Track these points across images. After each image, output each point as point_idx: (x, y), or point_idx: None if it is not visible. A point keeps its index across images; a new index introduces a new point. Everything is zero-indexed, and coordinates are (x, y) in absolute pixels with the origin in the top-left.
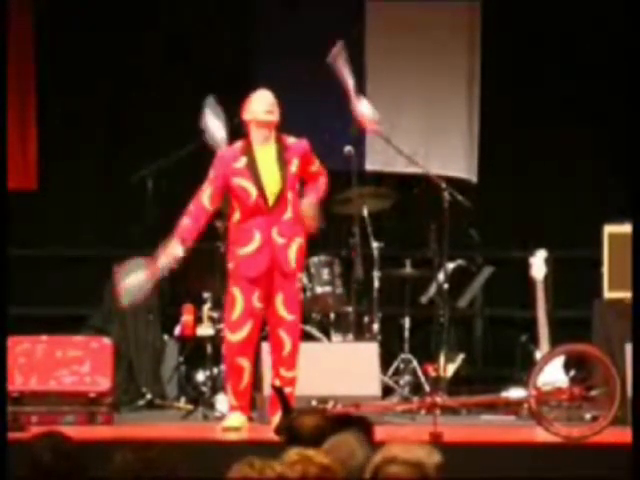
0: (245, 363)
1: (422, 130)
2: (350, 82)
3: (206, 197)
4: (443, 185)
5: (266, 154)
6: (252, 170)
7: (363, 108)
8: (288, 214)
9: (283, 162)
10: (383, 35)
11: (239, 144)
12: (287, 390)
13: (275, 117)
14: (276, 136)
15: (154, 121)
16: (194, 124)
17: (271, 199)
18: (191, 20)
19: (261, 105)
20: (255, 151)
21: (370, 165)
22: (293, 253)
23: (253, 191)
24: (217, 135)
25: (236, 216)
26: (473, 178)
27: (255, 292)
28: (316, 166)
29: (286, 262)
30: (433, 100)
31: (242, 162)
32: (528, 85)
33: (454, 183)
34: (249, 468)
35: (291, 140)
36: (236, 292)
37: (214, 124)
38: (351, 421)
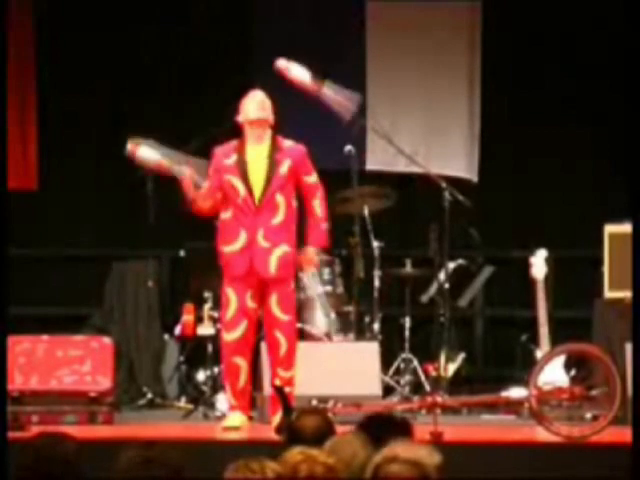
0: (241, 362)
1: (423, 130)
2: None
3: (202, 195)
4: (444, 185)
5: (258, 153)
6: (241, 168)
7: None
8: (277, 218)
9: (273, 162)
10: (384, 35)
11: (234, 142)
12: (286, 390)
13: (265, 114)
14: (272, 137)
15: (154, 121)
16: (194, 123)
17: (257, 196)
18: (191, 19)
19: (251, 104)
20: (247, 150)
21: (371, 165)
22: (275, 260)
23: (241, 189)
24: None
25: (226, 214)
26: (474, 178)
27: (248, 292)
28: (313, 178)
29: (265, 268)
30: (434, 100)
31: (233, 159)
32: (528, 85)
33: (455, 183)
34: (249, 471)
35: (288, 143)
36: (229, 292)
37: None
38: (393, 422)
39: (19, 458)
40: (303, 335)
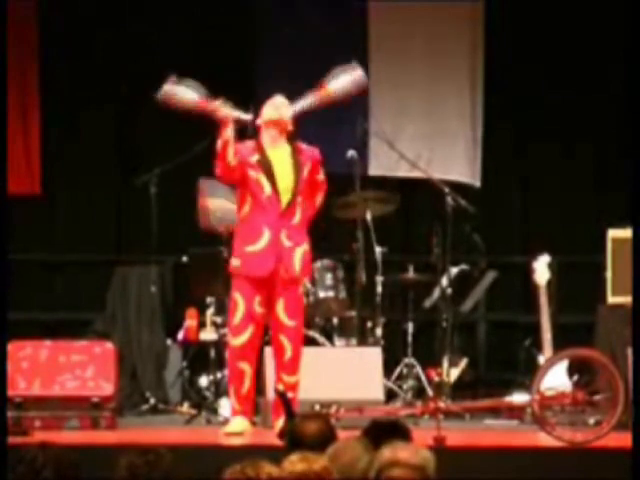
0: (246, 367)
1: (425, 135)
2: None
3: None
4: (446, 190)
5: (279, 155)
6: (265, 167)
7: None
8: (296, 219)
9: (298, 165)
10: (385, 38)
11: (251, 143)
12: (289, 395)
13: (279, 114)
14: (288, 140)
15: (157, 125)
16: (197, 127)
17: (284, 200)
18: (193, 24)
19: (268, 107)
20: (267, 151)
21: (373, 170)
22: (298, 259)
23: (267, 188)
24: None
25: (246, 209)
26: (476, 183)
27: (256, 297)
28: (322, 176)
29: (290, 267)
30: (436, 104)
31: (255, 158)
32: (531, 89)
33: (457, 188)
34: (243, 477)
35: (303, 146)
36: (238, 297)
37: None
38: (397, 428)
39: (18, 471)
40: None
